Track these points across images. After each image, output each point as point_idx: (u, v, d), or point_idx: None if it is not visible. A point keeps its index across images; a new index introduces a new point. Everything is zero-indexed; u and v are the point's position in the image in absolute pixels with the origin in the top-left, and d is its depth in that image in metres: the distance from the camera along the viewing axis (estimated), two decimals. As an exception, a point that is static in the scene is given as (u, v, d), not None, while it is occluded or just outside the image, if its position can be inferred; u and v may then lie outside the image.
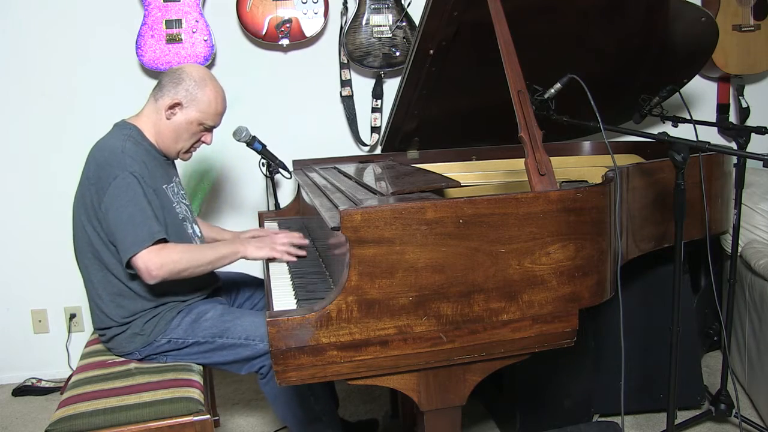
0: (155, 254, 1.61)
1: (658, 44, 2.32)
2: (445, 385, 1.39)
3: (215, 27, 2.64)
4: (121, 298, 1.74)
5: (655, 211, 1.85)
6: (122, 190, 1.64)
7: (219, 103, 1.83)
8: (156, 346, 1.75)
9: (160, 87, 1.81)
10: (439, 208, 1.26)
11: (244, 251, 1.76)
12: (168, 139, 1.82)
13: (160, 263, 1.61)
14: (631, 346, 2.16)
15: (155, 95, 1.81)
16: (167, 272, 1.63)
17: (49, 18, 2.63)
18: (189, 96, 1.78)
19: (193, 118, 1.80)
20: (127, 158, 1.68)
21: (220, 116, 1.87)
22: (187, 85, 1.78)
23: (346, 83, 2.80)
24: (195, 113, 1.80)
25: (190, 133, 1.83)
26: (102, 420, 1.52)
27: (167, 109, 1.78)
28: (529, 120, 1.45)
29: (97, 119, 2.26)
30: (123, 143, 1.72)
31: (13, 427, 2.46)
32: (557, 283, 1.35)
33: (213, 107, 1.81)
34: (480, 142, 2.60)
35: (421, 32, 2.01)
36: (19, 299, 2.80)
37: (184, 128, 1.81)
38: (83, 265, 1.77)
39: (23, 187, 2.74)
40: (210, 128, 1.87)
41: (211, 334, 1.74)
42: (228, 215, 2.86)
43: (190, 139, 1.85)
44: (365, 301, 1.25)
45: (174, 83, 1.79)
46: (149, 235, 1.61)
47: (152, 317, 1.75)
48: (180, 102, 1.78)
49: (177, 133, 1.81)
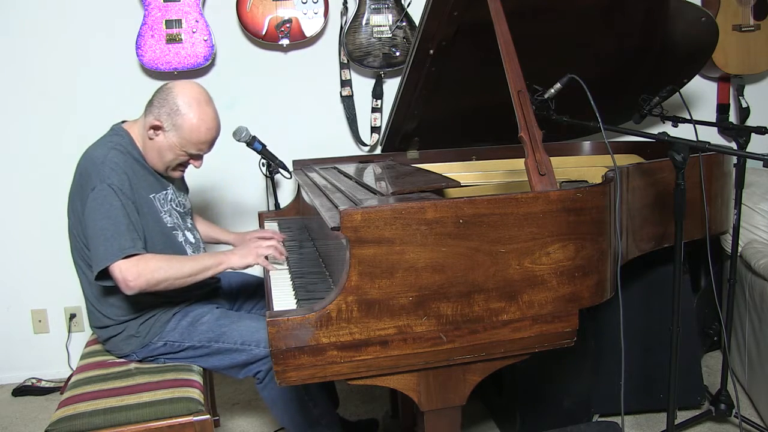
0: (133, 264, 1.58)
1: (658, 44, 2.32)
2: (445, 385, 1.39)
3: (215, 27, 2.64)
4: (115, 297, 1.73)
5: (655, 211, 1.85)
6: (98, 202, 1.62)
7: (203, 132, 1.72)
8: (152, 348, 1.75)
9: (150, 102, 1.75)
10: (439, 208, 1.26)
11: (228, 261, 1.71)
12: (153, 157, 1.77)
13: (137, 273, 1.58)
14: (631, 346, 2.16)
15: (145, 110, 1.76)
16: (144, 282, 1.59)
17: (49, 18, 2.63)
18: (170, 121, 1.70)
19: (173, 144, 1.72)
20: (107, 169, 1.65)
21: (207, 145, 1.77)
22: (170, 109, 1.69)
23: (346, 83, 2.80)
24: (175, 139, 1.72)
25: (174, 155, 1.75)
26: (102, 420, 1.52)
27: (148, 129, 1.72)
28: (529, 120, 1.45)
29: (97, 119, 2.26)
30: (107, 152, 1.68)
31: (13, 427, 2.46)
32: (557, 283, 1.35)
33: (195, 136, 1.71)
34: (480, 142, 2.60)
35: (421, 32, 2.01)
36: (19, 299, 2.80)
37: (166, 149, 1.74)
38: (78, 265, 1.78)
39: (23, 187, 2.74)
40: (194, 156, 1.78)
41: (207, 339, 1.73)
42: (228, 215, 2.86)
43: (176, 160, 1.77)
44: (365, 301, 1.25)
45: (159, 104, 1.72)
46: (119, 250, 1.58)
47: (147, 319, 1.75)
48: (160, 126, 1.70)
49: (160, 153, 1.75)
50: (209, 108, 1.75)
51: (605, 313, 2.12)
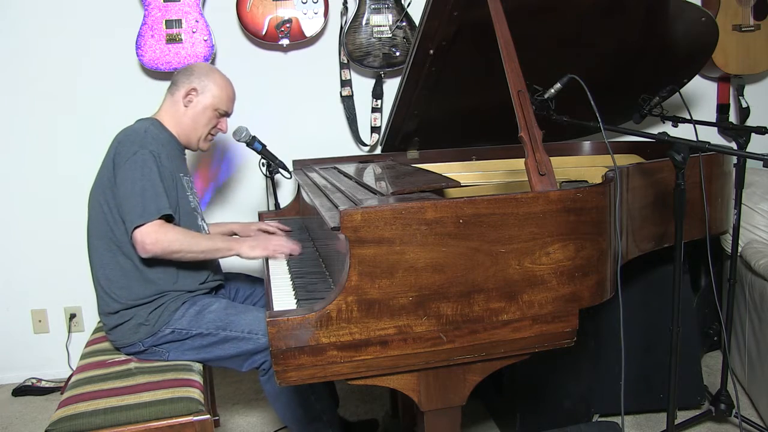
0: (154, 229, 1.67)
1: (658, 44, 2.32)
2: (445, 385, 1.39)
3: (215, 27, 2.64)
4: (127, 279, 1.77)
5: (655, 211, 1.85)
6: (138, 164, 1.71)
7: (230, 88, 1.98)
8: (159, 337, 1.77)
9: (174, 83, 1.94)
10: (439, 208, 1.26)
11: (238, 248, 1.82)
12: (187, 128, 1.93)
13: (156, 239, 1.67)
14: (630, 346, 2.16)
15: (171, 91, 1.94)
16: (160, 249, 1.68)
17: (49, 18, 2.63)
18: (202, 83, 1.91)
19: (208, 103, 1.92)
20: (149, 137, 1.78)
21: (232, 102, 2.00)
22: (199, 75, 1.93)
23: (346, 83, 2.81)
24: (209, 98, 1.92)
25: (207, 119, 1.94)
26: (102, 420, 1.52)
27: (184, 97, 1.91)
28: (529, 120, 1.45)
29: (98, 119, 2.28)
30: (148, 126, 1.83)
31: (13, 427, 2.46)
32: (557, 283, 1.35)
33: (225, 92, 1.95)
34: (480, 142, 2.60)
35: (421, 32, 2.01)
36: (19, 299, 2.80)
37: (200, 114, 1.92)
38: (93, 247, 1.81)
39: (23, 187, 2.74)
40: (224, 114, 1.98)
41: (215, 327, 1.76)
42: (228, 215, 2.86)
43: (207, 125, 1.95)
44: (365, 301, 1.25)
45: (186, 75, 1.93)
46: (157, 209, 1.68)
47: (157, 307, 1.77)
48: (195, 87, 1.91)
49: (195, 120, 1.93)
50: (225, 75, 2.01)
51: (605, 313, 2.12)
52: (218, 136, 2.07)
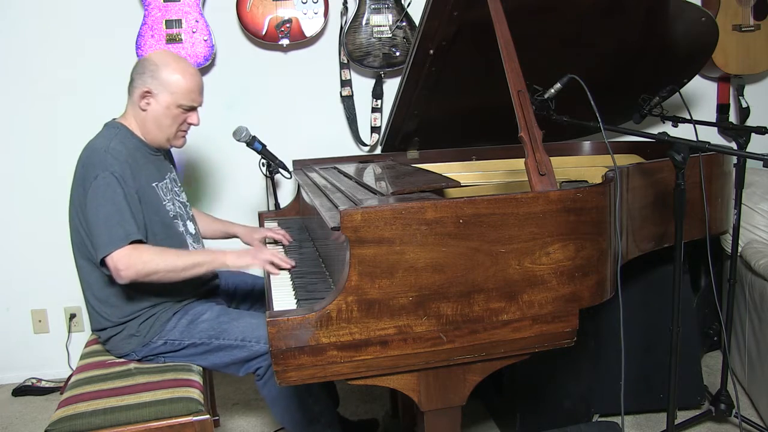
0: (125, 253, 1.59)
1: (658, 44, 2.32)
2: (445, 385, 1.39)
3: (215, 27, 2.64)
4: (115, 298, 1.73)
5: (655, 211, 1.85)
6: (101, 190, 1.63)
7: (188, 80, 1.77)
8: (152, 348, 1.75)
9: (131, 81, 1.80)
10: (439, 208, 1.26)
11: (223, 259, 1.73)
12: (153, 130, 1.79)
13: (128, 263, 1.59)
14: (630, 346, 2.16)
15: (129, 92, 1.81)
16: (135, 273, 1.60)
17: (49, 18, 2.63)
18: (155, 83, 1.75)
19: (167, 102, 1.76)
20: (109, 158, 1.67)
21: (197, 93, 1.81)
22: (152, 72, 1.75)
23: (346, 83, 2.80)
24: (167, 97, 1.76)
25: (170, 118, 1.79)
26: (102, 420, 1.52)
27: (140, 100, 1.76)
28: (529, 120, 1.45)
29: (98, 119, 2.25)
30: (108, 143, 1.71)
31: (13, 427, 2.46)
32: (557, 283, 1.35)
33: (184, 85, 1.76)
34: (480, 142, 2.60)
35: (421, 32, 2.01)
36: (19, 299, 2.80)
37: (162, 115, 1.77)
38: (79, 265, 1.77)
39: (23, 187, 2.74)
40: (190, 108, 1.81)
41: (208, 336, 1.74)
42: (228, 215, 2.83)
43: (173, 124, 1.80)
44: (365, 301, 1.25)
45: (139, 74, 1.77)
46: (125, 235, 1.60)
47: (147, 318, 1.75)
48: (149, 90, 1.75)
49: (158, 122, 1.78)
50: (185, 62, 1.81)
51: (605, 313, 2.12)
52: (218, 136, 2.05)
